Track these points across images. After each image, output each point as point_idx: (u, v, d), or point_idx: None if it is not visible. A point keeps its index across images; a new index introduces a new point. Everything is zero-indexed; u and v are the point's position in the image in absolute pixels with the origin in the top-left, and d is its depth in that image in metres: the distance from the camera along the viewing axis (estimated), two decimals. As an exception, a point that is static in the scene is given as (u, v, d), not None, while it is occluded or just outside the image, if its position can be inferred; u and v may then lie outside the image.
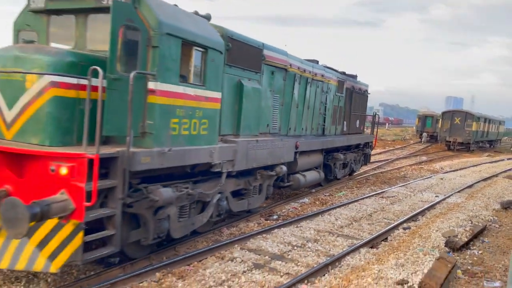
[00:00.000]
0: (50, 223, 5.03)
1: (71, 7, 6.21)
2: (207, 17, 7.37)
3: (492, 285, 7.11)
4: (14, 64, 5.36)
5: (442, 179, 18.86)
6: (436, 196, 14.40)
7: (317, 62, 12.61)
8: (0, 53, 5.59)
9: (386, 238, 9.28)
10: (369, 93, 17.59)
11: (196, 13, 7.18)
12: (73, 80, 5.32)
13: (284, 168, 9.97)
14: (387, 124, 78.95)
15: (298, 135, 11.29)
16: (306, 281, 6.59)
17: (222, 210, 8.04)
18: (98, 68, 5.01)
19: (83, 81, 5.27)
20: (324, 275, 6.90)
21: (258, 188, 9.37)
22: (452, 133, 38.25)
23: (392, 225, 10.11)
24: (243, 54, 8.29)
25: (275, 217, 10.20)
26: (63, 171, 4.96)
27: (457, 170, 23.30)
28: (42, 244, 5.11)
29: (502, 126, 52.84)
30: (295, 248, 8.17)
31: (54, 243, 5.08)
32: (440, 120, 40.93)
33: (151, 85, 5.75)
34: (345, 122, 14.79)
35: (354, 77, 15.76)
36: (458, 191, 15.81)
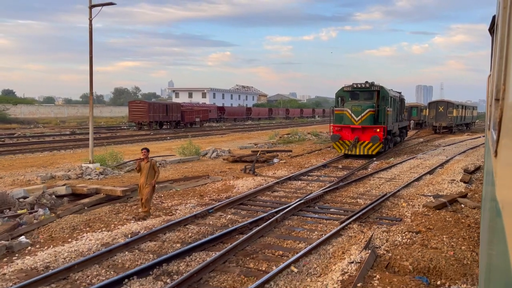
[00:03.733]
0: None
1: (359, 90, 22.95)
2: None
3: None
4: (359, 107, 22.16)
5: (444, 149, 26.94)
6: (446, 157, 22.20)
7: (391, 89, 25.08)
8: (352, 103, 22.32)
9: (433, 172, 17.25)
10: (405, 100, 29.31)
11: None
12: (373, 109, 22.11)
13: (398, 133, 26.20)
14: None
15: (395, 122, 26.27)
16: (414, 182, 15.04)
17: (388, 145, 24.59)
18: (388, 108, 22.11)
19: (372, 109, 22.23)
20: (419, 181, 15.14)
21: (391, 140, 25.35)
22: (437, 119, 44.25)
23: (433, 167, 18.02)
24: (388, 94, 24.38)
25: (369, 169, 18.59)
26: (377, 130, 21.70)
27: (450, 144, 30.75)
28: (369, 149, 21.87)
29: (475, 111, 58.47)
30: (395, 177, 16.09)
31: (374, 147, 21.82)
32: (427, 109, 47.97)
33: (387, 108, 22.40)
34: (400, 115, 26.25)
35: (400, 92, 26.72)
36: (458, 154, 23.52)
